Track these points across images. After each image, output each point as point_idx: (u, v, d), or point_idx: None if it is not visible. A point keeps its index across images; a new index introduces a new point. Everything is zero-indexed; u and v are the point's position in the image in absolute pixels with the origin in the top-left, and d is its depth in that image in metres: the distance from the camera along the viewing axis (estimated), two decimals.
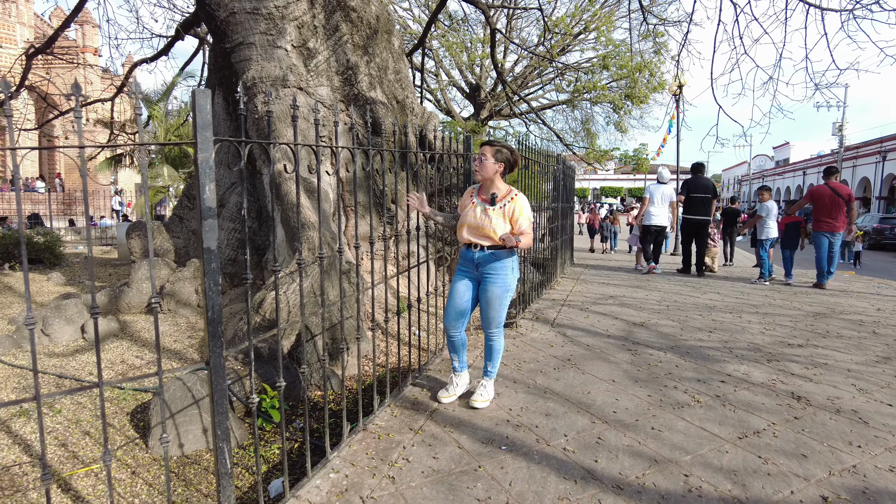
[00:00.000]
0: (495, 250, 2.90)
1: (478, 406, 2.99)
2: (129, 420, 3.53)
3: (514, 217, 2.87)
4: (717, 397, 3.19)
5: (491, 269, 2.91)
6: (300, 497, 2.16)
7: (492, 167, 2.89)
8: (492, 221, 2.85)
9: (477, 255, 2.92)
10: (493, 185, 2.94)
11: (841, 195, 7.34)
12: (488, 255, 2.90)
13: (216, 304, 1.68)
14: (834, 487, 2.27)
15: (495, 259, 2.90)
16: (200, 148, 1.60)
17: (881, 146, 28.31)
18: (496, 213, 2.87)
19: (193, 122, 1.63)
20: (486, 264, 2.91)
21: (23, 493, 2.59)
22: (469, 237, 2.94)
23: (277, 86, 5.97)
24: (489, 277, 2.92)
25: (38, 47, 11.78)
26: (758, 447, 2.59)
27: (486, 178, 2.92)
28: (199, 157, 1.60)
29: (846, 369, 3.75)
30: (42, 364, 4.46)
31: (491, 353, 3.06)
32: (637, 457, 2.49)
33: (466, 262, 3.00)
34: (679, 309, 5.66)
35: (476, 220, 2.90)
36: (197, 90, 1.62)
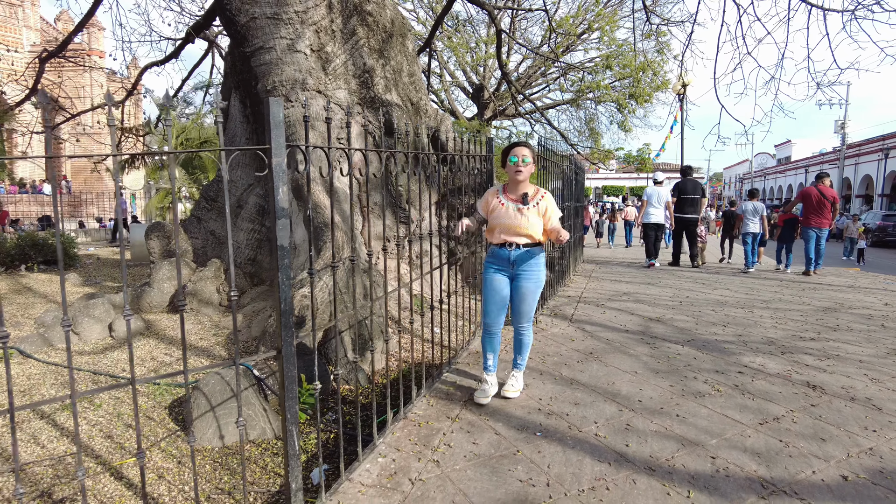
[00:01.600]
0: (530, 248, 3.01)
1: (510, 396, 3.11)
2: (168, 413, 3.67)
3: (546, 214, 3.00)
4: (736, 387, 3.34)
5: (527, 266, 3.01)
6: (353, 480, 2.31)
7: (532, 168, 3.01)
8: (529, 220, 2.96)
9: (513, 254, 3.01)
10: (523, 184, 3.03)
11: (827, 197, 8.41)
12: (524, 254, 3.00)
13: (287, 297, 1.82)
14: (853, 468, 2.42)
15: (530, 256, 3.01)
16: (274, 153, 1.74)
17: (883, 143, 28.40)
18: (531, 211, 2.97)
19: (266, 130, 1.77)
20: (521, 262, 3.01)
21: (78, 481, 2.73)
22: (504, 237, 3.01)
23: (297, 89, 6.11)
24: (525, 274, 3.02)
25: (50, 51, 11.93)
26: (778, 432, 2.74)
27: (525, 180, 3.01)
28: (272, 161, 1.75)
29: (858, 360, 3.90)
30: (75, 362, 4.60)
31: (521, 346, 3.18)
32: (665, 441, 2.64)
33: (500, 261, 3.07)
34: (692, 305, 5.81)
35: (511, 221, 2.98)
36: (271, 100, 1.76)
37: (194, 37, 11.41)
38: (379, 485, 2.27)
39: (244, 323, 5.74)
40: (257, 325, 5.56)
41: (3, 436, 3.24)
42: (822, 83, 7.56)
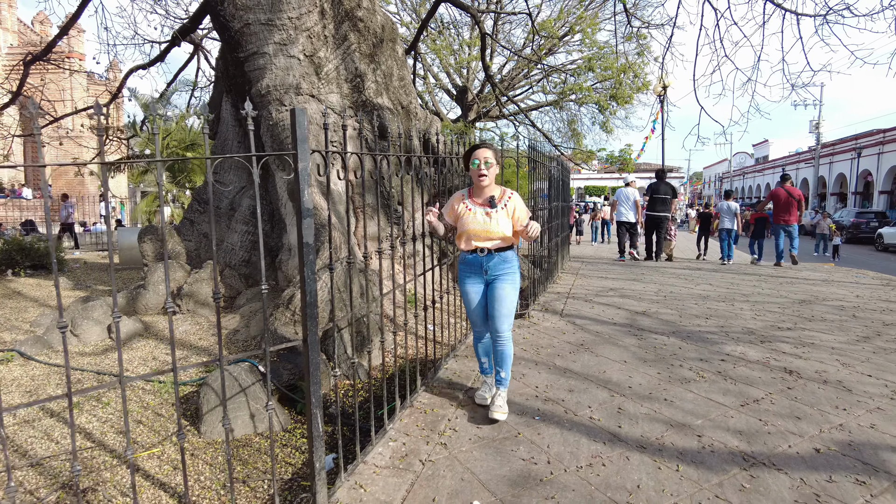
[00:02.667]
0: (502, 251, 2.92)
1: (497, 418, 2.86)
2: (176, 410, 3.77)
3: (515, 215, 2.90)
4: (719, 373, 3.57)
5: (500, 270, 2.91)
6: (367, 462, 2.47)
7: (495, 169, 2.88)
8: (498, 224, 2.85)
9: (485, 260, 2.90)
10: (488, 188, 2.92)
11: (794, 196, 9.40)
12: (496, 258, 2.90)
13: (313, 290, 1.98)
14: (825, 442, 2.65)
15: (503, 260, 2.91)
16: (300, 158, 1.90)
17: (856, 143, 29.27)
18: (500, 214, 2.87)
19: (293, 136, 1.93)
20: (495, 267, 2.90)
21: (97, 473, 2.84)
22: (475, 243, 2.90)
23: (291, 93, 6.23)
24: (500, 277, 2.91)
25: (35, 54, 11.85)
26: (758, 412, 2.97)
27: (490, 183, 2.89)
28: (299, 166, 1.90)
29: (831, 347, 4.16)
30: (75, 363, 4.68)
31: (501, 358, 2.94)
32: (654, 422, 2.84)
33: (473, 268, 2.96)
34: (676, 299, 6.07)
35: (480, 226, 2.87)
36: (297, 109, 1.91)
37: (181, 40, 11.41)
38: (392, 466, 2.44)
39: (242, 323, 5.84)
40: (256, 324, 5.68)
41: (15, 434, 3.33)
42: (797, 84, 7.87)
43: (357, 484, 2.30)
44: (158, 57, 12.47)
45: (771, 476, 2.35)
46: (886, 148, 26.71)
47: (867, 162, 28.51)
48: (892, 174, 26.95)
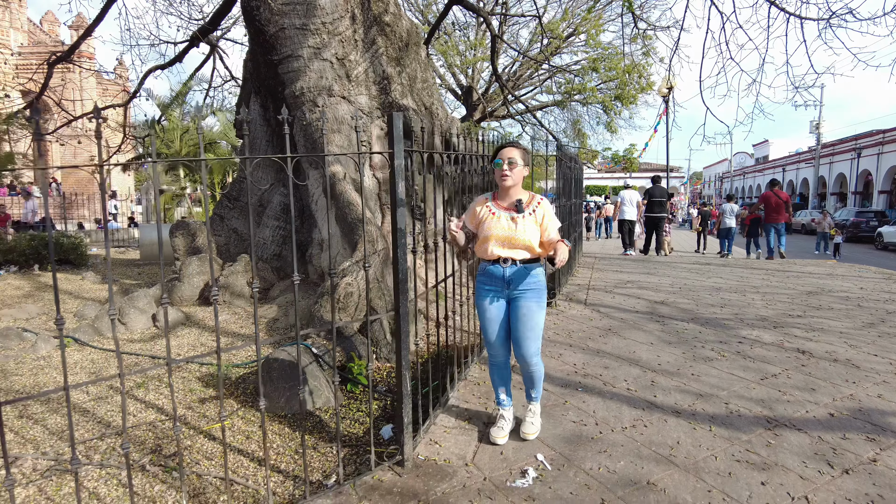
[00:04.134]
0: (528, 263, 2.58)
1: (529, 437, 2.65)
2: (236, 388, 4.10)
3: (543, 224, 2.55)
4: (738, 353, 3.91)
5: (525, 285, 2.57)
6: (437, 423, 2.80)
7: (522, 172, 2.56)
8: (525, 231, 2.52)
9: (508, 272, 2.56)
10: (514, 191, 2.59)
11: (782, 199, 10.88)
12: (521, 270, 2.56)
13: (404, 269, 2.31)
14: (837, 408, 2.98)
15: (528, 274, 2.57)
16: (396, 156, 2.23)
17: (856, 143, 29.61)
18: (527, 220, 2.53)
19: (390, 137, 2.25)
20: (519, 280, 2.56)
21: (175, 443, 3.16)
22: (498, 252, 2.56)
23: (324, 95, 6.56)
24: (525, 294, 2.57)
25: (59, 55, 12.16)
26: (776, 385, 3.31)
27: (515, 185, 2.57)
28: (395, 163, 2.23)
29: (839, 332, 4.51)
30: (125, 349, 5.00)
31: (534, 380, 2.69)
32: (685, 393, 3.18)
33: (493, 281, 2.61)
34: (690, 290, 6.42)
35: (504, 231, 2.53)
36: (394, 114, 2.24)
37: (200, 41, 11.71)
38: (458, 427, 2.77)
39: (280, 312, 6.17)
40: (294, 313, 6.01)
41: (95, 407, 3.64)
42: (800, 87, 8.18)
43: (431, 441, 2.63)
44: (177, 57, 12.75)
45: (792, 434, 2.68)
46: (886, 148, 27.07)
47: (867, 162, 28.86)
48: (891, 174, 27.31)
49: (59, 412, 3.66)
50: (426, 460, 2.47)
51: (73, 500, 2.43)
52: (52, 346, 5.20)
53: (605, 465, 2.42)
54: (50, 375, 4.43)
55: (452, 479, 2.32)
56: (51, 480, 2.72)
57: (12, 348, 5.11)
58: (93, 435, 3.31)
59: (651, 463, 2.42)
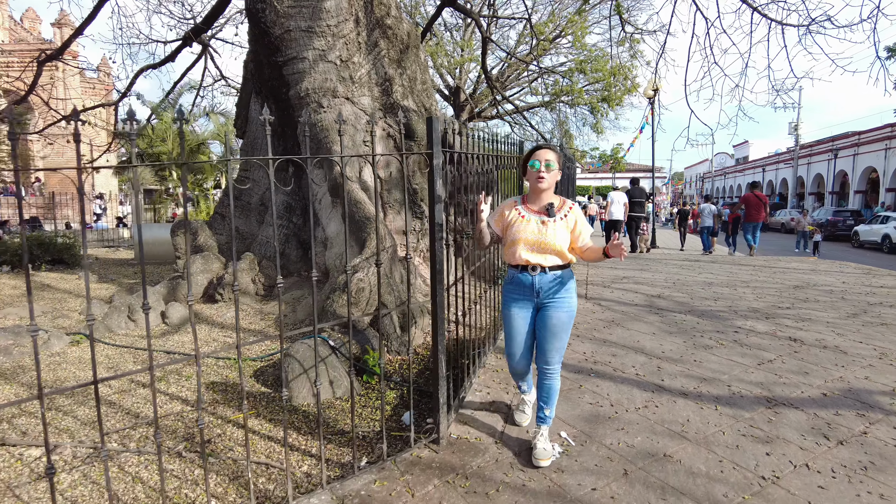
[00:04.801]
0: (559, 271, 2.49)
1: (542, 464, 2.44)
2: (256, 381, 4.25)
3: (575, 230, 2.49)
4: (735, 342, 4.17)
5: (555, 293, 2.47)
6: (464, 407, 2.99)
7: (556, 175, 2.50)
8: (556, 235, 2.43)
9: (538, 279, 2.47)
10: (546, 195, 2.53)
11: (761, 200, 12.02)
12: (551, 278, 2.47)
13: (441, 259, 2.49)
14: (829, 389, 3.24)
15: (559, 282, 2.48)
16: (435, 155, 2.42)
17: (833, 145, 30.46)
18: (558, 225, 2.46)
19: (429, 138, 2.43)
20: (549, 289, 2.47)
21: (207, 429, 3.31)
22: (526, 256, 2.47)
23: (329, 96, 6.70)
24: (554, 303, 2.47)
25: (49, 54, 12.10)
26: (772, 369, 3.56)
27: (549, 188, 2.51)
28: (433, 162, 2.42)
29: (826, 322, 4.80)
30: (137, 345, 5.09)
31: (548, 393, 2.56)
32: (689, 377, 3.41)
33: (521, 289, 2.52)
34: (684, 285, 6.70)
35: (535, 236, 2.45)
36: (432, 117, 2.42)
37: (193, 40, 11.74)
38: (483, 409, 2.96)
39: (288, 308, 6.31)
40: (302, 308, 6.16)
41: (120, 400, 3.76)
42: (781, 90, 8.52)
43: (460, 422, 2.82)
44: (169, 57, 12.73)
45: (790, 412, 2.93)
46: (861, 150, 27.89)
47: (843, 163, 29.71)
48: (866, 175, 28.15)
49: (85, 404, 3.76)
50: (458, 439, 2.65)
51: (116, 483, 2.56)
52: (65, 343, 5.28)
53: (624, 440, 2.63)
54: (68, 370, 4.52)
55: (485, 454, 2.51)
56: (93, 466, 2.85)
57: (25, 345, 5.17)
58: (124, 425, 3.44)
59: (665, 438, 2.64)
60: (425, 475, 2.35)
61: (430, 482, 2.30)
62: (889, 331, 4.53)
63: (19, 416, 3.58)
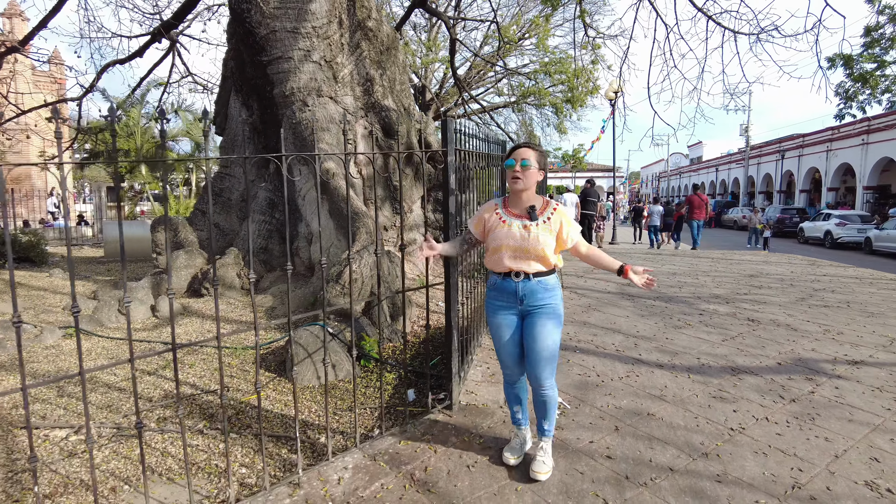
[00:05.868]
0: (542, 277, 2.35)
1: (541, 478, 2.37)
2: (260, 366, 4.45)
3: (562, 232, 2.34)
4: (701, 322, 4.64)
5: (540, 300, 2.35)
6: (468, 379, 3.31)
7: (535, 175, 2.34)
8: (539, 240, 2.29)
9: (521, 286, 2.34)
10: (527, 196, 2.38)
11: (703, 200, 13.75)
12: (534, 285, 2.34)
13: None
14: (782, 359, 3.72)
15: (544, 288, 2.35)
16: (449, 153, 2.72)
17: (780, 146, 32.18)
18: (541, 228, 2.31)
19: (443, 138, 2.73)
20: (533, 295, 2.35)
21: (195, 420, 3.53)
22: (510, 264, 2.34)
23: (313, 95, 6.90)
24: (539, 310, 2.36)
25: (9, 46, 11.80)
26: (735, 344, 4.03)
27: (527, 189, 2.35)
28: (448, 159, 2.72)
29: (778, 304, 5.35)
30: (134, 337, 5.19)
31: (546, 407, 2.45)
32: (663, 352, 3.84)
33: (505, 296, 2.40)
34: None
35: (517, 241, 2.32)
36: (447, 119, 2.72)
37: (162, 36, 11.66)
38: (486, 381, 3.30)
39: (277, 301, 6.49)
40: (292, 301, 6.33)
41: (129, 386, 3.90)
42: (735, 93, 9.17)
43: (467, 391, 3.14)
44: (137, 52, 12.55)
45: (752, 377, 3.37)
46: (805, 151, 29.62)
47: (790, 163, 31.43)
48: (810, 175, 29.90)
49: (95, 391, 3.90)
50: (467, 405, 2.98)
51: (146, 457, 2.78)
52: (58, 337, 5.34)
53: (612, 403, 3.01)
54: (67, 361, 4.62)
55: (493, 417, 2.84)
56: (121, 444, 3.05)
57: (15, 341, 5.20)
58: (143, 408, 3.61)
59: (647, 400, 3.03)
60: (443, 435, 2.67)
61: (448, 440, 2.62)
62: (831, 311, 5.10)
63: (33, 402, 3.70)
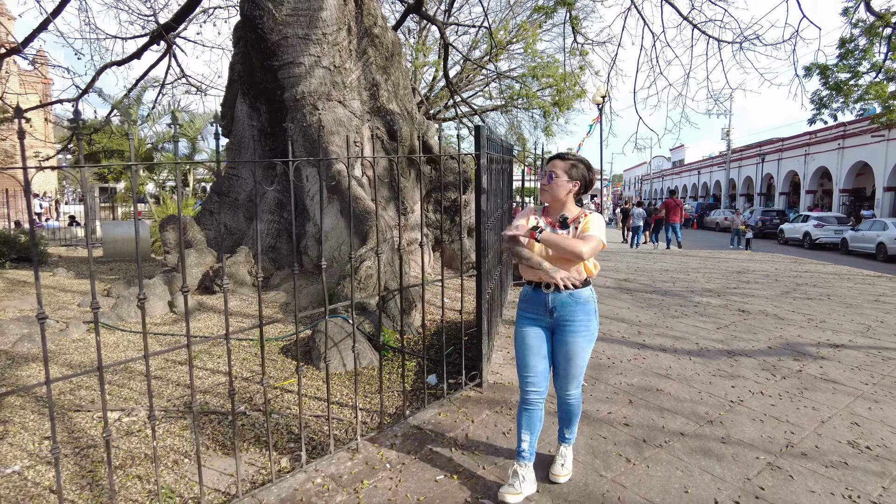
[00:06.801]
0: (576, 289, 2.25)
1: (560, 481, 2.36)
2: (284, 356, 4.71)
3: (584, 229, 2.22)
4: (696, 312, 5.02)
5: (570, 313, 2.25)
6: (491, 362, 3.63)
7: (564, 186, 2.26)
8: None
9: (552, 298, 2.26)
10: (563, 207, 2.31)
11: (678, 205, 14.83)
12: (565, 297, 2.24)
13: (483, 238, 3.10)
14: (772, 343, 4.10)
15: (576, 301, 2.25)
16: (482, 156, 3.04)
17: (760, 150, 33.07)
18: None
19: (476, 141, 3.04)
20: (563, 308, 2.25)
21: (260, 396, 3.79)
22: (541, 273, 2.26)
23: (323, 99, 7.17)
24: (569, 325, 2.26)
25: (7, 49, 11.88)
26: (729, 330, 4.40)
27: (555, 201, 2.29)
28: (480, 161, 3.04)
29: (765, 297, 5.77)
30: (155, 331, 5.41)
31: (570, 416, 2.42)
32: (665, 337, 4.19)
33: (535, 307, 2.32)
34: (644, 271, 7.62)
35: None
36: (479, 126, 3.04)
37: (162, 38, 11.82)
38: (506, 363, 3.62)
39: (289, 297, 6.75)
40: (303, 296, 6.61)
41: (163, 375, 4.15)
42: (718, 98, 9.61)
43: (492, 371, 3.45)
44: (135, 54, 12.65)
45: (746, 359, 3.74)
46: (785, 154, 30.52)
47: (770, 167, 32.33)
48: (790, 178, 30.80)
49: (135, 378, 4.14)
50: (494, 383, 3.29)
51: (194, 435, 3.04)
52: (83, 331, 5.54)
53: (624, 380, 3.35)
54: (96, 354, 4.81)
55: (518, 393, 3.15)
56: (172, 424, 3.30)
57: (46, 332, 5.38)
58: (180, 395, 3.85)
59: (655, 378, 3.38)
60: (477, 407, 2.98)
61: (482, 412, 2.93)
62: (813, 303, 5.53)
63: (78, 389, 3.93)
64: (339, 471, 2.42)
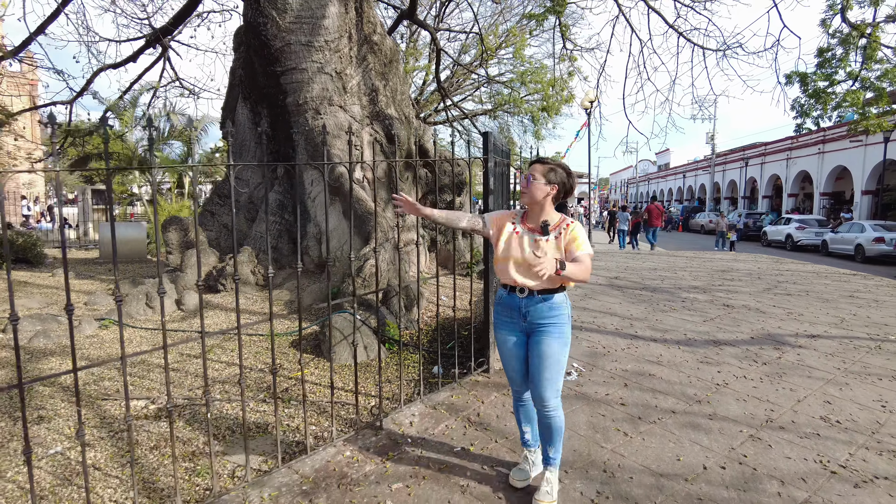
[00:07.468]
0: (548, 294, 2.26)
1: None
2: (294, 349, 4.93)
3: (569, 246, 2.22)
4: (684, 307, 5.33)
5: (543, 318, 2.26)
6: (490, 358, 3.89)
7: (542, 189, 2.26)
8: (546, 256, 2.13)
9: (524, 303, 2.28)
10: (542, 211, 2.31)
11: (660, 210, 16.11)
12: (538, 301, 2.26)
13: None
14: (754, 334, 4.42)
15: (549, 307, 2.26)
16: (490, 160, 3.30)
17: (743, 154, 33.80)
18: (550, 245, 2.24)
19: (485, 146, 3.31)
20: (536, 313, 2.26)
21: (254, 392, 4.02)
22: (514, 275, 2.28)
23: (325, 104, 7.40)
24: (543, 329, 2.27)
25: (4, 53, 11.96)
26: (714, 323, 4.72)
27: (534, 203, 2.28)
28: (488, 165, 3.30)
29: (748, 293, 6.11)
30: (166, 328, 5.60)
31: (551, 432, 2.33)
32: (655, 330, 4.49)
33: (509, 311, 2.34)
34: (633, 270, 7.94)
35: (525, 255, 2.25)
36: (488, 132, 3.30)
37: (159, 41, 11.96)
38: None
39: (293, 295, 6.96)
40: (308, 295, 6.83)
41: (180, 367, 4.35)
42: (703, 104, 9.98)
43: (497, 359, 3.72)
44: (131, 57, 12.75)
45: (730, 348, 4.05)
46: (768, 159, 31.23)
47: (753, 170, 33.03)
48: (772, 181, 31.51)
49: (153, 371, 4.34)
50: (500, 369, 3.55)
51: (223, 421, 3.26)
52: (95, 328, 5.71)
53: (619, 367, 3.63)
54: (113, 348, 5.01)
55: None
56: (196, 411, 3.51)
57: (56, 331, 5.56)
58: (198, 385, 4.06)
59: (647, 364, 3.67)
60: (486, 390, 3.24)
61: (490, 394, 3.19)
62: (793, 298, 5.87)
63: (100, 380, 4.12)
64: (365, 444, 2.67)
